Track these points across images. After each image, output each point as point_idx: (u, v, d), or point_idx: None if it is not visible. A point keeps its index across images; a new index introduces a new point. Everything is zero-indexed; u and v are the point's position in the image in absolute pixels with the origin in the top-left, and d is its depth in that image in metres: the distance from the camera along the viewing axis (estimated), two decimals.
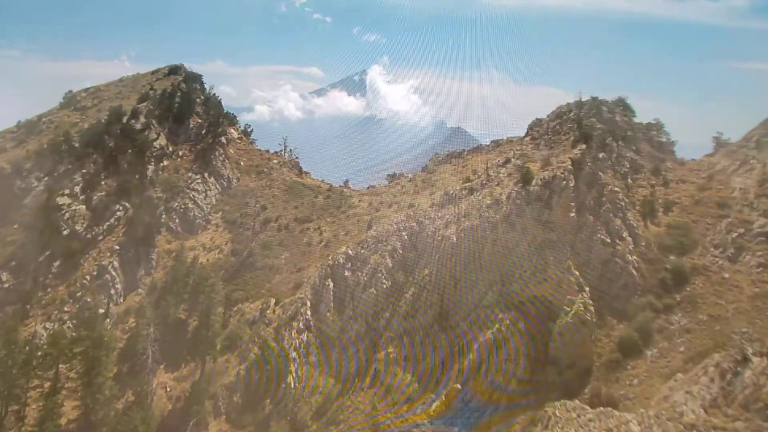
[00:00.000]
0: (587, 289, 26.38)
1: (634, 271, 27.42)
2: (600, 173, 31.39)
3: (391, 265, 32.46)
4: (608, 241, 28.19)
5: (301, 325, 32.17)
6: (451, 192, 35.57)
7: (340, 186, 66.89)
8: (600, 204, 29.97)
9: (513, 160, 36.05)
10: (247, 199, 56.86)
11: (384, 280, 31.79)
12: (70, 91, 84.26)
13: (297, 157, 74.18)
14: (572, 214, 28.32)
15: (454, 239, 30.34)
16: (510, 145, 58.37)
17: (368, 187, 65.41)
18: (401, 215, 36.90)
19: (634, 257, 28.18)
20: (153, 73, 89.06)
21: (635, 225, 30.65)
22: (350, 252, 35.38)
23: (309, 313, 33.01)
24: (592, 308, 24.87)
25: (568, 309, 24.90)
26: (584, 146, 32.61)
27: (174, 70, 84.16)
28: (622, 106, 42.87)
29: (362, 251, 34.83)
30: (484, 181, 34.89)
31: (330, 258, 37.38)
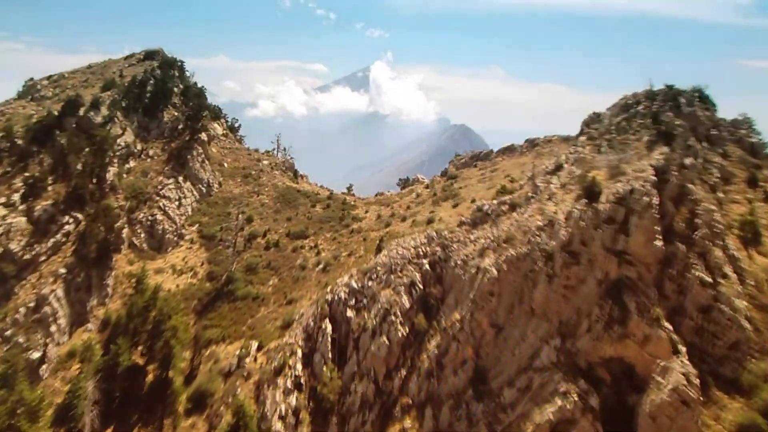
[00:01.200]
0: (684, 349, 21.15)
1: (746, 323, 22.12)
2: (689, 185, 26.18)
3: (408, 304, 27.42)
4: (708, 279, 22.90)
5: (289, 383, 27.17)
6: (486, 207, 30.48)
7: (343, 193, 62.26)
8: (693, 227, 24.70)
9: (566, 166, 30.89)
10: (229, 208, 52.39)
11: (399, 325, 26.75)
12: (32, 79, 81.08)
13: (292, 158, 69.89)
14: (658, 242, 23.16)
15: (494, 272, 25.28)
16: (550, 145, 53.34)
17: (376, 195, 60.68)
18: (420, 235, 31.88)
19: (744, 302, 22.90)
20: (126, 58, 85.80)
21: (737, 256, 25.37)
22: (354, 284, 30.41)
23: (300, 366, 28.01)
24: (695, 379, 19.62)
25: (661, 380, 19.67)
26: (666, 149, 27.43)
27: (150, 54, 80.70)
28: (700, 97, 37.56)
29: (370, 283, 29.84)
30: (529, 194, 29.73)
31: (328, 290, 32.44)
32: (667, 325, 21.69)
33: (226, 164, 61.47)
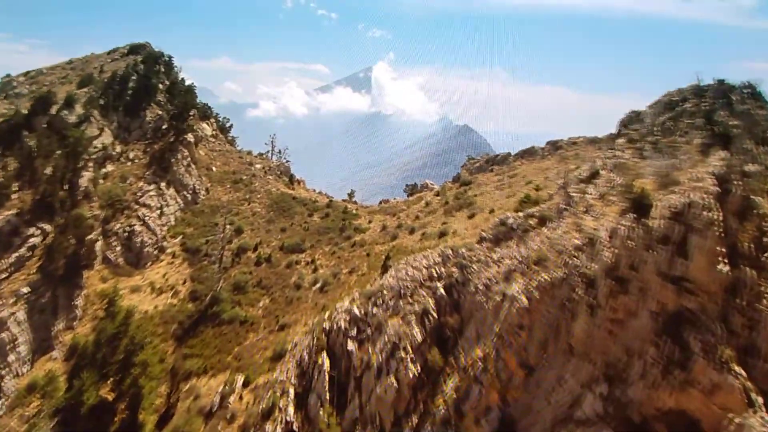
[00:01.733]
0: (760, 400, 18.18)
1: None
2: (755, 197, 23.32)
3: (420, 337, 24.53)
4: None
5: (279, 429, 24.29)
6: (510, 220, 27.61)
7: (344, 200, 59.58)
8: (761, 247, 21.83)
9: (604, 173, 28.04)
10: (217, 218, 49.74)
11: (410, 363, 23.89)
12: (8, 75, 79.10)
13: (288, 161, 67.33)
14: (723, 266, 20.22)
15: (524, 300, 22.41)
16: (575, 148, 50.56)
17: (380, 203, 57.96)
18: (433, 253, 29.05)
19: None
20: (110, 52, 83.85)
21: None
22: (356, 310, 27.56)
23: (292, 409, 25.14)
24: None
25: None
26: (725, 154, 24.60)
27: (136, 48, 78.73)
28: (752, 93, 34.74)
29: (375, 310, 26.99)
30: (562, 205, 26.92)
31: (326, 316, 29.59)
32: (739, 370, 18.81)
33: (214, 168, 58.92)
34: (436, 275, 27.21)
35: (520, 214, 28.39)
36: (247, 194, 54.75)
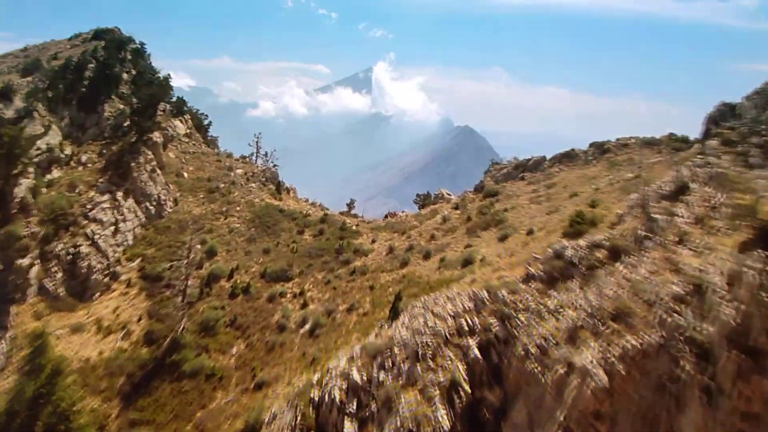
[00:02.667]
0: None
1: None
2: None
3: (447, 422, 19.08)
4: None
5: None
6: (569, 252, 22.23)
7: (342, 213, 54.33)
8: None
9: (696, 186, 22.66)
10: (186, 235, 44.50)
11: None
12: None
13: (276, 165, 62.20)
14: None
15: (602, 378, 16.91)
16: (626, 151, 45.19)
17: (386, 216, 52.67)
18: (461, 293, 23.67)
19: None
20: (71, 38, 79.46)
21: None
22: (356, 374, 22.04)
23: None
24: None
25: None
26: None
27: (101, 34, 74.14)
28: None
29: (382, 376, 21.50)
30: (641, 231, 21.57)
31: (315, 378, 24.14)
32: None
33: (186, 174, 53.82)
34: (467, 328, 21.70)
35: (581, 242, 22.90)
36: (223, 206, 49.56)
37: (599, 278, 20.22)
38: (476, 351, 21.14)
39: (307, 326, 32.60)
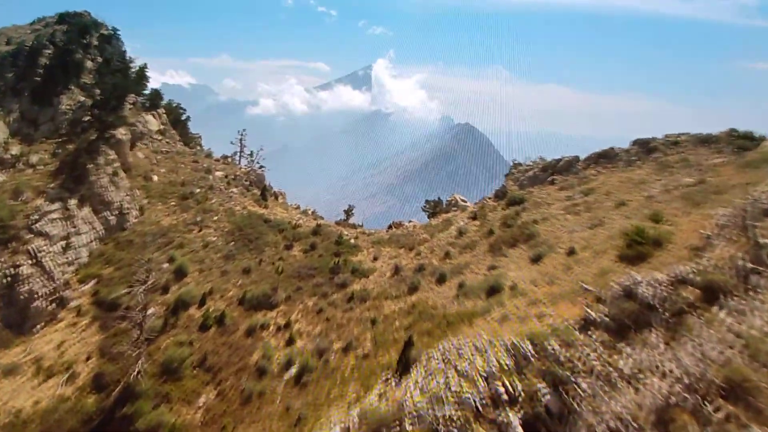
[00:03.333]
0: None
1: None
2: None
3: None
4: None
5: None
6: (642, 289, 17.53)
7: (339, 223, 49.66)
8: None
9: None
10: (151, 252, 39.89)
11: None
12: None
13: (263, 167, 57.60)
14: None
15: None
16: (678, 150, 40.37)
17: (389, 227, 48.01)
18: (493, 341, 19.00)
19: None
20: (34, 23, 75.02)
21: None
22: None
23: None
24: None
25: None
26: None
27: (66, 17, 69.63)
28: None
29: None
30: (743, 262, 16.85)
31: None
32: None
33: (156, 177, 49.17)
34: (505, 395, 16.97)
35: (658, 275, 18.16)
36: (198, 215, 44.84)
37: (693, 330, 15.31)
38: (519, 429, 16.36)
39: (293, 370, 27.82)
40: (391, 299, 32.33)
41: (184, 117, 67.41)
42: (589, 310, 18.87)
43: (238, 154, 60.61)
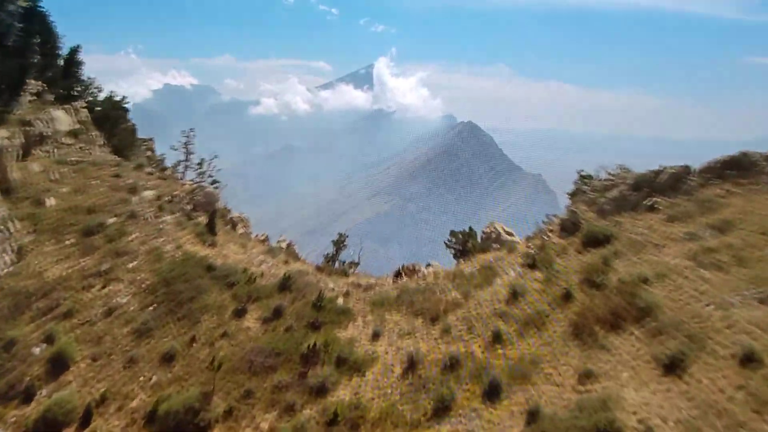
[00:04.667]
0: None
1: None
2: None
3: None
4: None
5: None
6: None
7: (319, 269, 38.06)
8: None
9: None
10: (18, 327, 28.52)
11: None
12: None
13: (217, 183, 46.12)
14: None
15: None
16: None
17: (398, 273, 36.51)
18: None
19: None
20: None
21: None
22: None
23: None
24: None
25: None
26: None
27: None
28: None
29: None
30: None
31: None
32: None
33: (52, 201, 37.78)
34: None
35: None
36: (106, 261, 33.29)
37: None
38: None
39: None
40: (402, 427, 20.75)
41: (121, 103, 56.29)
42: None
43: (184, 162, 49.03)
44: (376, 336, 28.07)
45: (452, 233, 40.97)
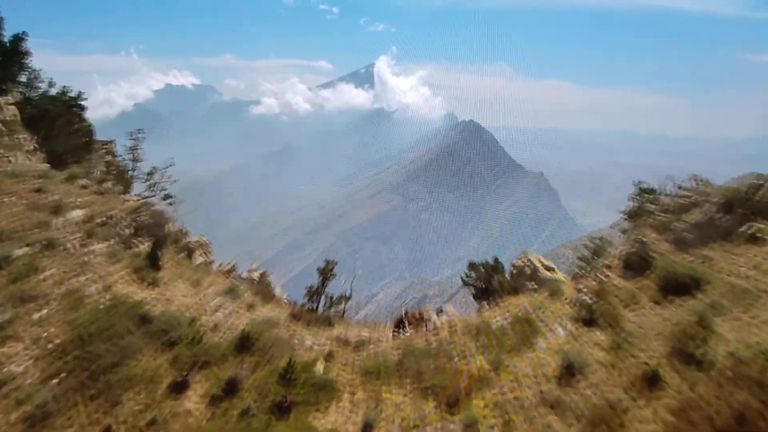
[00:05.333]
0: None
1: None
2: None
3: None
4: None
5: None
6: None
7: (294, 317, 29.51)
8: None
9: None
10: None
11: None
12: None
13: (171, 198, 37.67)
14: None
15: None
16: None
17: (400, 323, 28.14)
18: None
19: None
20: None
21: None
22: None
23: None
24: None
25: None
26: None
27: None
28: None
29: None
30: None
31: None
32: None
33: None
34: None
35: None
36: (5, 308, 24.86)
37: None
38: None
39: None
40: None
41: (69, 94, 47.75)
42: None
43: (131, 169, 40.40)
44: (367, 429, 19.64)
45: (471, 265, 32.06)
